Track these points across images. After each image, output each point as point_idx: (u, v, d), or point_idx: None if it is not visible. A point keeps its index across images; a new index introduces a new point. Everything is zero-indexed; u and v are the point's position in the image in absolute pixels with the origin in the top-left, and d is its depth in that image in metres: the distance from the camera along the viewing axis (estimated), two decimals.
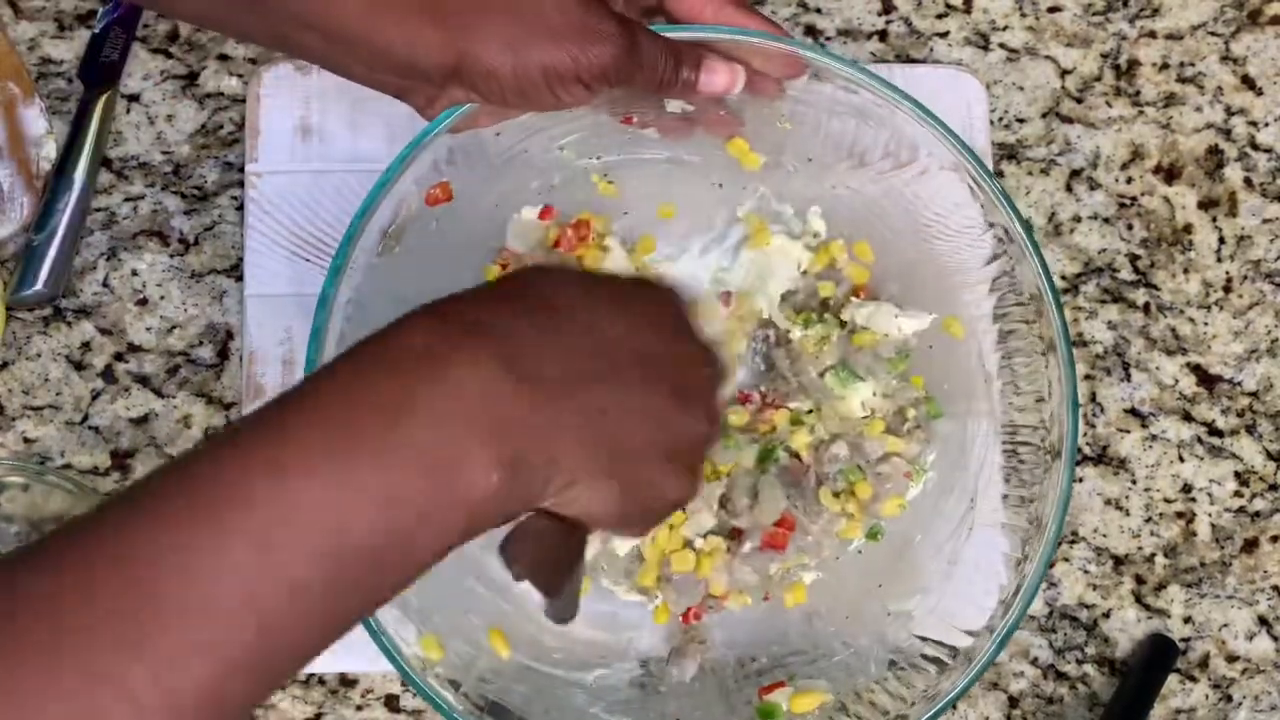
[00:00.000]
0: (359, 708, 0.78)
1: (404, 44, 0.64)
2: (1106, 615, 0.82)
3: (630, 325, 0.56)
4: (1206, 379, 0.84)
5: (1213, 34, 0.88)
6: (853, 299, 0.78)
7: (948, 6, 0.87)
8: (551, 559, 0.56)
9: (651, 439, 0.55)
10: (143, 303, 0.82)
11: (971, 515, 0.74)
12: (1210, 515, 0.83)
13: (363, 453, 0.48)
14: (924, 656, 0.72)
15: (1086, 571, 0.82)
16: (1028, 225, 0.71)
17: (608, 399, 0.54)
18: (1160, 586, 0.82)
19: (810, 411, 0.76)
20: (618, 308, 0.56)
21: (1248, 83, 0.87)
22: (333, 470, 0.47)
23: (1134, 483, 0.83)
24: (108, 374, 0.81)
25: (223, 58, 0.85)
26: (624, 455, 0.54)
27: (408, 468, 0.48)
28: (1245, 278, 0.85)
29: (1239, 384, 0.84)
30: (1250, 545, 0.83)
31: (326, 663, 0.78)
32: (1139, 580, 0.82)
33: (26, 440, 0.80)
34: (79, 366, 0.81)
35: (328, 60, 0.67)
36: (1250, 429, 0.84)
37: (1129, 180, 0.86)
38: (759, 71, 0.71)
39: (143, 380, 0.81)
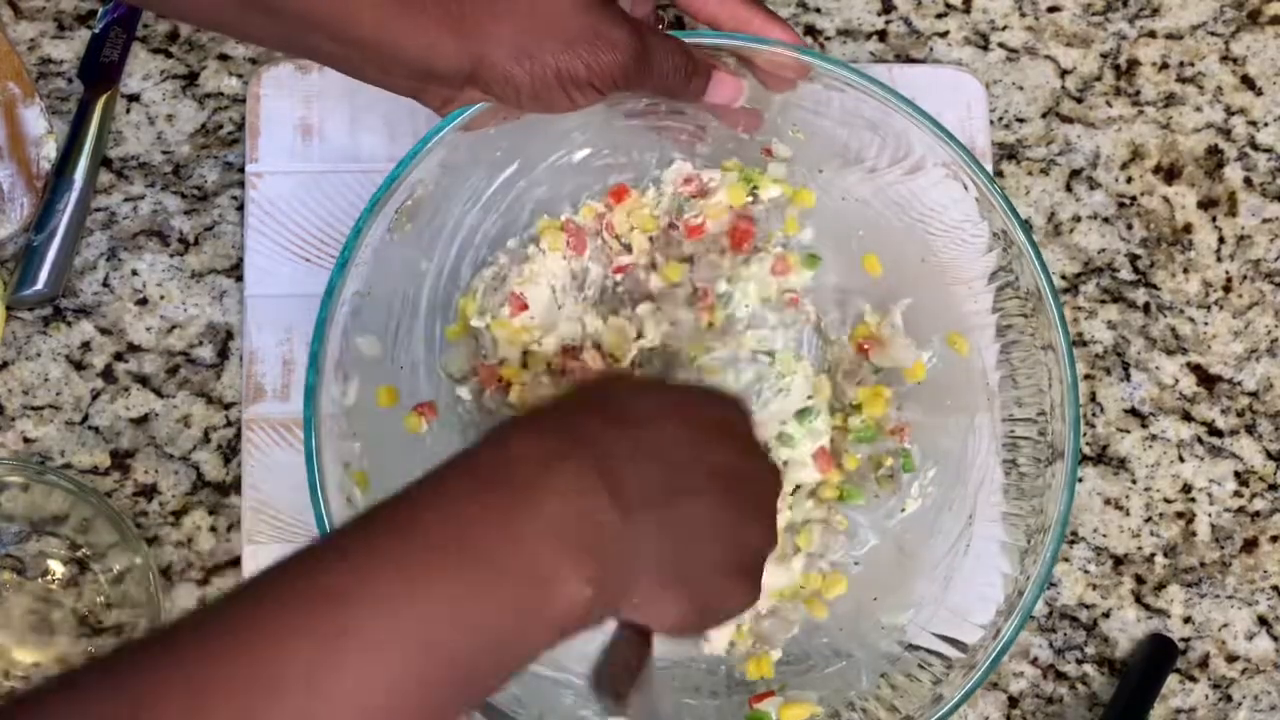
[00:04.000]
0: None
1: (419, 51, 0.64)
2: (1106, 615, 0.82)
3: (701, 438, 0.58)
4: (1206, 379, 0.84)
5: (1213, 34, 0.88)
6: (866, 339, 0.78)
7: (947, 6, 0.87)
8: (626, 670, 0.58)
9: (720, 552, 0.57)
10: (143, 303, 0.82)
11: (969, 531, 0.74)
12: (1210, 515, 0.83)
13: (474, 565, 0.50)
14: (920, 666, 0.72)
15: (1086, 571, 0.82)
16: (1027, 225, 0.71)
17: (685, 514, 0.55)
18: (1160, 586, 0.82)
19: None
20: (689, 420, 0.58)
21: (1247, 83, 0.87)
22: (444, 579, 0.49)
23: (1134, 483, 0.83)
24: (108, 374, 0.81)
25: (223, 58, 0.85)
26: (695, 567, 0.56)
27: (510, 582, 0.50)
28: (1245, 277, 0.85)
29: (1239, 384, 0.84)
30: (1250, 545, 0.83)
31: None
32: (1139, 580, 0.82)
33: (26, 440, 0.80)
34: (79, 366, 0.81)
35: (341, 64, 0.67)
36: (1250, 429, 0.84)
37: (1129, 180, 0.86)
38: (768, 70, 0.72)
39: (143, 380, 0.81)
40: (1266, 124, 0.87)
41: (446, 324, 0.77)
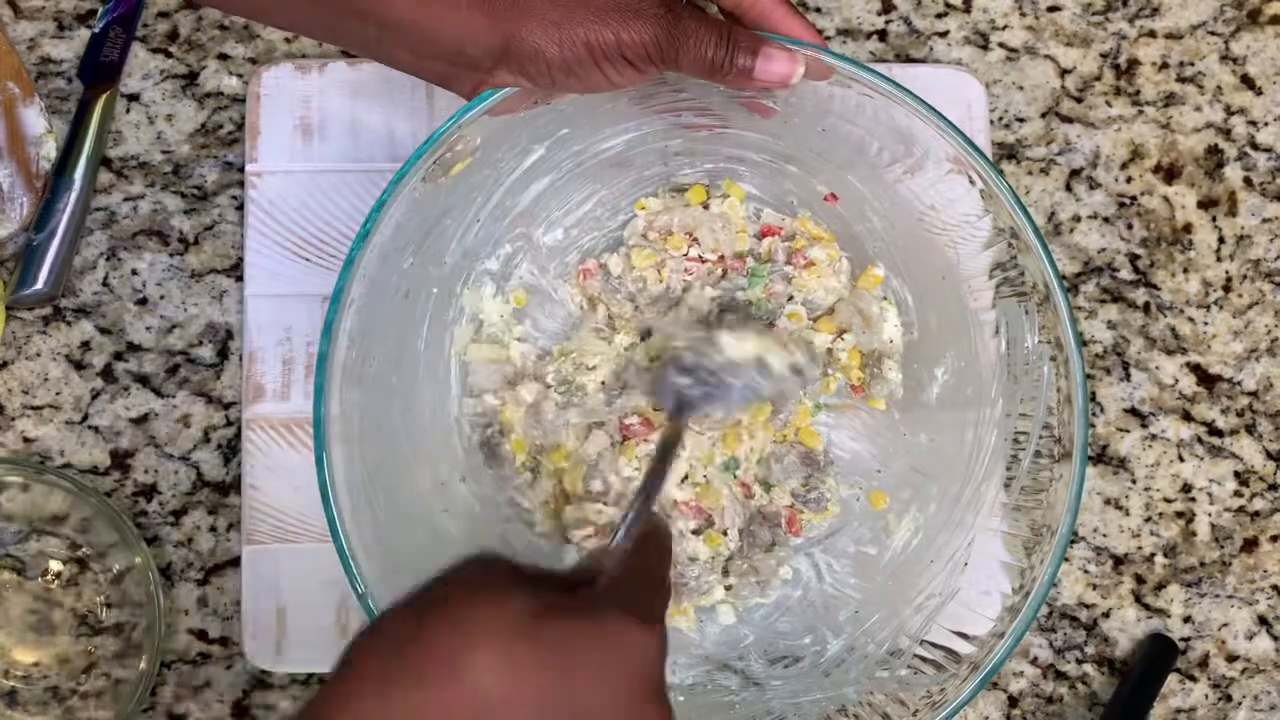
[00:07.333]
0: None
1: (452, 30, 0.65)
2: (1106, 615, 0.82)
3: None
4: (1206, 379, 0.84)
5: (1212, 34, 0.88)
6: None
7: (947, 6, 0.87)
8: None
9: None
10: (142, 302, 0.82)
11: (968, 551, 0.73)
12: (1210, 515, 0.83)
13: None
14: (911, 671, 0.72)
15: (1086, 571, 0.82)
16: (1037, 228, 0.70)
17: None
18: (1160, 586, 0.82)
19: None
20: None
21: (1247, 82, 0.87)
22: None
23: (1134, 482, 0.83)
24: (107, 374, 0.81)
25: (222, 57, 0.85)
26: None
27: None
28: (1245, 277, 0.85)
29: (1239, 384, 0.84)
30: (1250, 545, 0.83)
31: (327, 661, 0.78)
32: (1139, 580, 0.82)
33: (26, 440, 0.80)
34: (79, 366, 0.81)
35: (376, 49, 0.68)
36: (1250, 429, 0.84)
37: (1129, 180, 0.86)
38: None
39: (142, 380, 0.81)
40: (1266, 124, 0.87)
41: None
